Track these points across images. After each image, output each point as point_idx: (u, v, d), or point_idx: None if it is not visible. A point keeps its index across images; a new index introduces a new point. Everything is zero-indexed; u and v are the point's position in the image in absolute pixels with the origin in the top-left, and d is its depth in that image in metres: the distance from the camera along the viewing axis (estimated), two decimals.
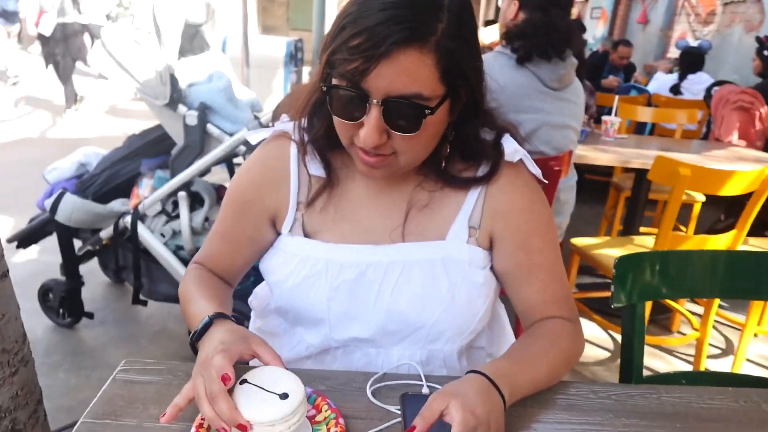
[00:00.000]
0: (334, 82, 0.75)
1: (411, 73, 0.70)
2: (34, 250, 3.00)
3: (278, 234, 0.94)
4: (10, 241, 2.42)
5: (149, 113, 2.23)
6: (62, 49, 6.21)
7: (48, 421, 0.96)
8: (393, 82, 0.71)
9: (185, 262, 2.18)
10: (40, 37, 6.13)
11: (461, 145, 0.86)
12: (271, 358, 0.73)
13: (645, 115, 3.67)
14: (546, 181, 0.96)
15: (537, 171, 0.92)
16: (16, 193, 3.94)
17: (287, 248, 0.91)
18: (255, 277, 1.06)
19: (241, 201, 0.94)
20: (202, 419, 0.72)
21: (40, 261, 3.03)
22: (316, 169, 0.91)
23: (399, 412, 0.76)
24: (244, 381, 0.71)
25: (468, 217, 0.88)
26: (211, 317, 0.79)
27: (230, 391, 0.69)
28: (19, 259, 3.04)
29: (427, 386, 0.82)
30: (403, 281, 0.87)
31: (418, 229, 0.89)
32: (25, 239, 2.40)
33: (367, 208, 0.91)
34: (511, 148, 0.87)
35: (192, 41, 2.34)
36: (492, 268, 0.92)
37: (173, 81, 2.02)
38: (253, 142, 0.97)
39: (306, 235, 0.92)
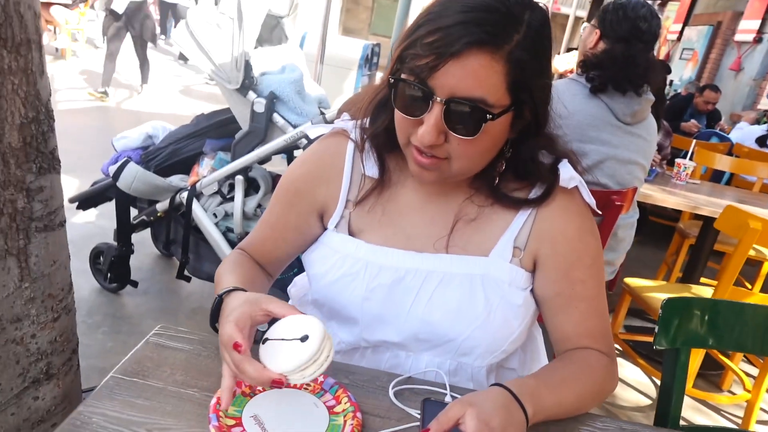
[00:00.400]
0: (403, 77, 0.75)
1: (479, 77, 0.70)
2: (92, 213, 3.13)
3: (324, 229, 0.95)
4: (71, 201, 2.53)
5: (219, 97, 2.30)
6: (134, 26, 6.32)
7: (80, 372, 0.99)
8: (460, 83, 0.70)
9: (233, 244, 2.22)
10: (112, 13, 6.28)
11: (517, 163, 0.85)
12: (284, 310, 0.72)
13: (723, 163, 3.49)
14: (600, 213, 0.93)
15: (591, 200, 0.89)
16: (84, 157, 4.15)
17: (330, 244, 0.92)
18: (298, 268, 1.06)
19: (292, 191, 0.95)
20: None
21: (97, 224, 3.17)
22: (370, 169, 0.91)
23: (418, 416, 0.75)
24: (266, 339, 0.71)
25: (514, 236, 0.87)
26: (220, 295, 0.79)
27: (256, 356, 0.69)
28: (78, 220, 3.19)
29: (451, 395, 0.81)
30: (440, 292, 0.86)
31: (462, 243, 0.88)
32: (85, 201, 2.50)
33: (414, 214, 0.90)
34: (567, 174, 0.86)
35: (272, 32, 2.39)
36: (532, 291, 0.90)
37: (247, 67, 2.08)
38: (312, 136, 0.98)
39: (351, 233, 0.92)
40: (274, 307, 0.73)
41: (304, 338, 0.68)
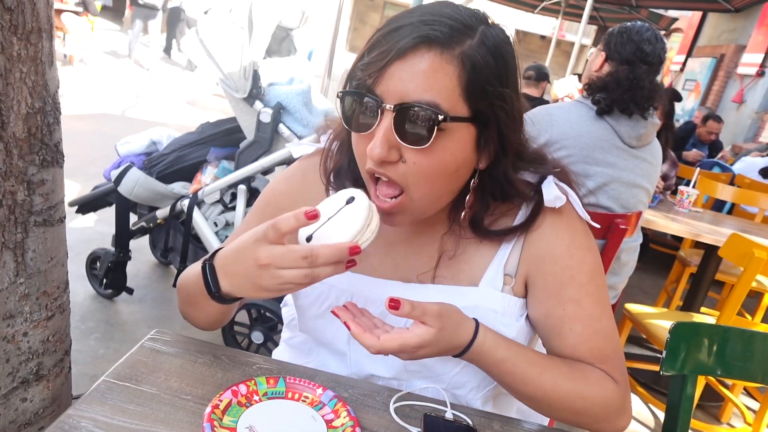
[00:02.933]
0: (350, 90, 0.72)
1: (428, 78, 0.66)
2: (91, 218, 3.12)
3: None
4: (71, 204, 2.51)
5: (226, 109, 2.30)
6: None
7: (71, 375, 0.96)
8: (408, 85, 0.66)
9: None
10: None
11: (493, 188, 0.79)
12: (298, 216, 0.65)
13: (726, 193, 3.49)
14: (597, 225, 0.88)
15: (584, 214, 0.84)
16: (87, 162, 4.14)
17: None
18: None
19: (273, 206, 0.91)
20: (219, 399, 0.71)
21: (95, 230, 3.15)
22: None
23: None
24: (309, 237, 0.68)
25: (503, 264, 0.83)
26: (206, 260, 0.74)
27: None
28: (77, 224, 3.17)
29: (452, 412, 0.78)
30: None
31: (450, 273, 0.84)
32: (85, 205, 2.48)
33: (399, 245, 0.87)
34: (551, 195, 0.80)
35: (281, 43, 2.40)
36: (528, 317, 0.86)
37: (255, 77, 2.08)
38: (295, 155, 0.93)
39: None
40: (284, 221, 0.65)
41: (349, 200, 0.66)
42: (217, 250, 0.75)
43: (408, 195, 0.72)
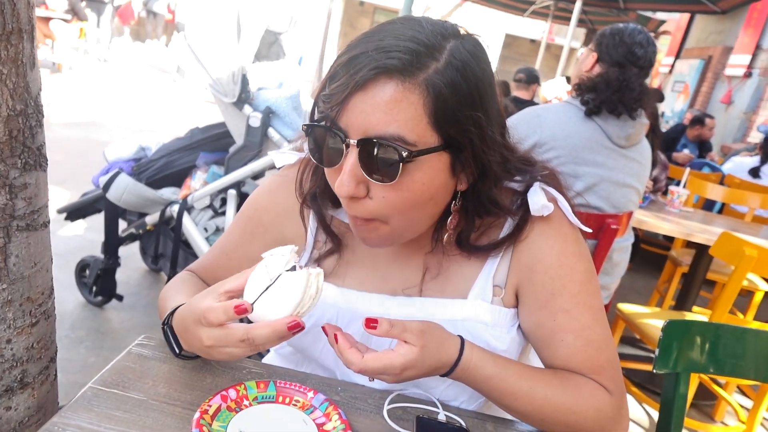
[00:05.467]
0: (315, 123, 0.68)
1: (390, 110, 0.62)
2: (80, 226, 3.09)
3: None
4: (60, 212, 2.50)
5: (217, 116, 2.28)
6: None
7: (57, 383, 0.94)
8: (370, 118, 0.62)
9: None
10: None
11: (477, 208, 0.76)
12: (241, 278, 0.67)
13: (716, 193, 3.52)
14: (589, 230, 0.85)
15: (575, 220, 0.81)
16: (78, 170, 4.11)
17: None
18: None
19: (255, 222, 0.89)
20: (208, 404, 0.69)
21: (85, 237, 3.12)
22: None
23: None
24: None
25: (492, 274, 0.81)
26: (164, 323, 0.75)
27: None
28: (66, 232, 3.14)
29: (444, 414, 0.78)
30: None
31: (438, 286, 0.82)
32: (74, 212, 2.46)
33: (385, 257, 0.85)
34: (538, 204, 0.77)
35: (270, 48, 2.40)
36: (520, 328, 0.84)
37: (244, 81, 2.07)
38: (278, 165, 0.90)
39: None
40: (230, 284, 0.67)
41: (280, 274, 0.64)
42: (174, 310, 0.75)
43: (384, 225, 0.70)
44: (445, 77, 0.63)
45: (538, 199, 0.78)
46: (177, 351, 0.74)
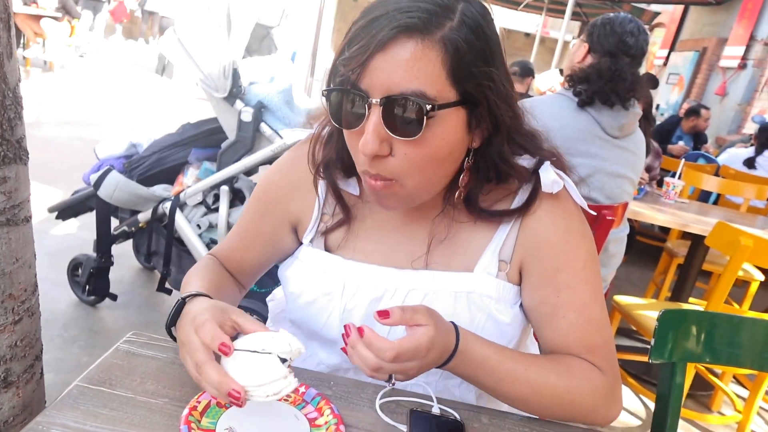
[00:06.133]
0: (334, 87, 0.70)
1: (411, 68, 0.65)
2: (73, 224, 3.06)
3: (300, 243, 0.91)
4: (51, 210, 2.47)
5: (209, 113, 2.26)
6: None
7: (44, 382, 0.92)
8: (392, 77, 0.65)
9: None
10: None
11: (487, 168, 0.78)
12: (254, 326, 0.68)
13: (711, 184, 3.52)
14: (593, 212, 0.87)
15: (581, 201, 0.84)
16: (70, 168, 4.08)
17: (305, 259, 0.88)
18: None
19: (265, 199, 0.92)
20: (197, 401, 0.68)
21: (77, 236, 3.10)
22: (347, 185, 0.87)
23: (405, 429, 0.71)
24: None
25: (499, 249, 0.82)
26: (183, 297, 0.75)
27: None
28: (58, 231, 3.11)
29: (438, 407, 0.76)
30: None
31: (444, 260, 0.83)
32: (65, 211, 2.43)
33: (392, 230, 0.86)
34: (549, 179, 0.79)
35: (261, 42, 2.38)
36: (522, 306, 0.85)
37: (235, 76, 2.05)
38: (288, 142, 0.95)
39: (327, 248, 0.88)
40: (243, 321, 0.68)
41: (273, 353, 0.64)
42: (197, 294, 0.75)
43: (400, 183, 0.71)
44: (460, 34, 0.66)
45: (549, 175, 0.80)
46: (169, 324, 0.75)
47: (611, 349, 0.82)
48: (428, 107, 0.65)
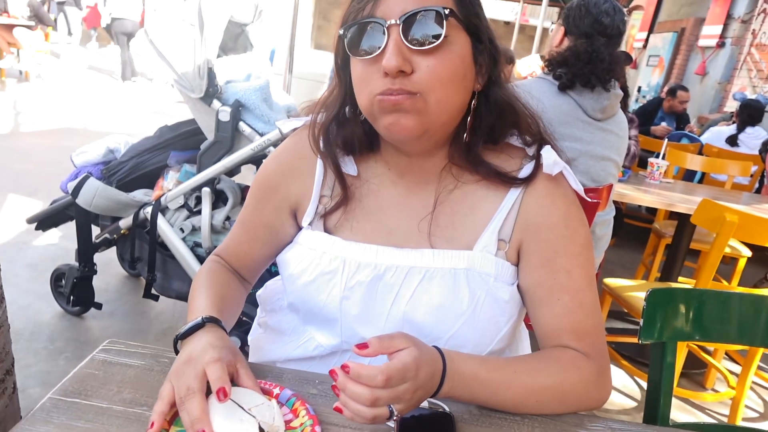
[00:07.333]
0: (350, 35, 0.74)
1: None
2: (54, 234, 3.01)
3: (299, 228, 0.91)
4: (30, 221, 2.42)
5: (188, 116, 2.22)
6: None
7: (17, 396, 0.89)
8: (405, 1, 0.71)
9: (201, 259, 2.13)
10: None
11: (488, 114, 0.81)
12: (251, 384, 0.70)
13: (695, 163, 3.53)
14: (589, 199, 0.88)
15: (578, 186, 0.85)
16: (49, 179, 4.01)
17: (305, 242, 0.87)
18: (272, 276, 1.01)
19: (265, 187, 0.92)
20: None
21: (60, 246, 3.04)
22: (344, 164, 0.87)
23: (392, 426, 0.69)
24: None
25: (498, 228, 0.83)
26: (204, 319, 0.75)
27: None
28: (40, 242, 3.06)
29: (428, 401, 0.74)
30: (423, 289, 0.82)
31: (446, 235, 0.83)
32: (44, 221, 2.38)
33: (394, 208, 0.86)
34: (550, 160, 0.82)
35: (236, 40, 2.34)
36: (518, 287, 0.85)
37: (210, 75, 2.01)
38: (284, 130, 0.96)
39: (327, 230, 0.88)
40: (244, 373, 0.70)
41: (256, 418, 0.65)
42: (214, 320, 0.77)
43: (423, 97, 0.72)
44: None
45: (550, 156, 0.82)
46: (181, 336, 0.76)
47: (600, 335, 0.83)
48: (446, 12, 0.71)
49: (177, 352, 0.75)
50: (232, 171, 2.29)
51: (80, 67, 9.56)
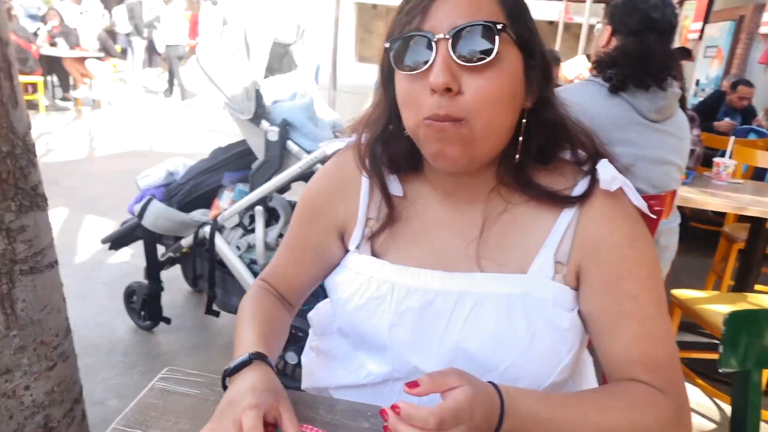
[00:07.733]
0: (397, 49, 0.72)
1: (472, 4, 0.68)
2: (127, 253, 3.18)
3: (346, 251, 0.89)
4: (103, 242, 2.59)
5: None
6: None
7: (87, 422, 0.93)
8: (456, 11, 0.68)
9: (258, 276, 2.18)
10: None
11: (539, 134, 0.77)
12: (293, 429, 0.67)
13: (765, 160, 3.28)
14: (653, 216, 0.81)
15: (641, 202, 0.77)
16: (122, 200, 4.23)
17: (353, 266, 0.86)
18: (323, 297, 1.01)
19: (311, 208, 0.91)
20: None
21: (131, 264, 3.21)
22: (390, 185, 0.85)
23: None
24: None
25: (554, 250, 0.77)
26: (251, 355, 0.74)
27: None
28: (114, 260, 3.25)
29: None
30: (475, 315, 0.77)
31: (497, 258, 0.79)
32: (116, 241, 2.53)
33: (441, 229, 0.83)
34: (608, 175, 0.75)
35: (281, 60, 2.39)
36: (579, 312, 0.79)
37: (258, 97, 2.06)
38: (328, 151, 0.94)
39: (374, 254, 0.86)
40: (287, 419, 0.68)
41: None
42: (261, 356, 0.76)
43: (469, 124, 0.69)
44: None
45: (607, 171, 0.76)
46: (230, 372, 0.75)
47: (675, 366, 0.75)
48: (498, 27, 0.67)
49: (225, 387, 0.76)
50: (283, 188, 2.34)
51: (144, 92, 10.08)
